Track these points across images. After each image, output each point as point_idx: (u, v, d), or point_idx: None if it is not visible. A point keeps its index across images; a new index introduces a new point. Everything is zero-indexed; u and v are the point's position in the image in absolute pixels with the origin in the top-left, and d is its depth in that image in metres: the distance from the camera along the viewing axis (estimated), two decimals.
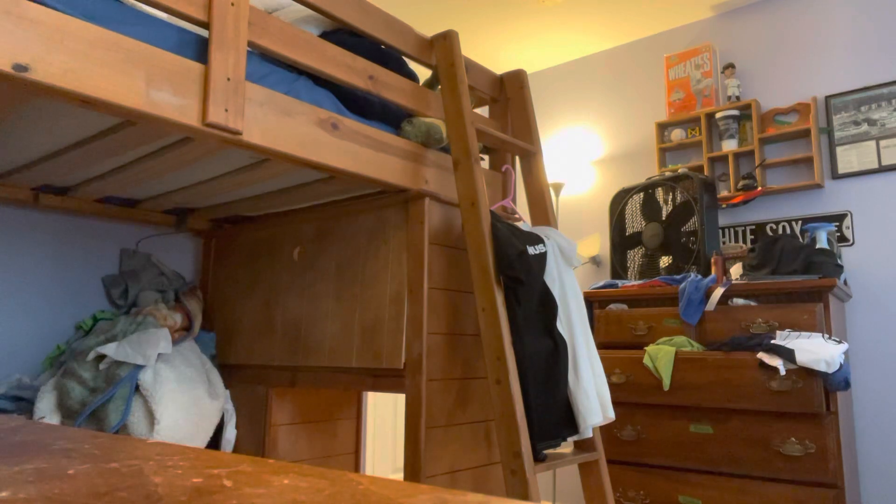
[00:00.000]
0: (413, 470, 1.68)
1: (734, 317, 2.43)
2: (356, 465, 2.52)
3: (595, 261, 3.65)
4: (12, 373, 1.97)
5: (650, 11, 3.43)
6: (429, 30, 1.90)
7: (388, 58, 1.81)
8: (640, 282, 2.81)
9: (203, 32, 1.32)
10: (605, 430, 2.58)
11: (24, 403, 1.87)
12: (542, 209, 2.04)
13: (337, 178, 1.72)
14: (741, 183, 3.07)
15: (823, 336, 2.20)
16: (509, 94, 2.19)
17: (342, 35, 1.72)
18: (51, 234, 2.12)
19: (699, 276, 2.62)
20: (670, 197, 2.97)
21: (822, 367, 2.06)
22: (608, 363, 2.57)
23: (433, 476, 1.71)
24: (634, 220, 3.08)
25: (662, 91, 3.54)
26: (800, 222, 3.01)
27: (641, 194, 3.07)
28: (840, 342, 2.17)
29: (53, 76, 1.06)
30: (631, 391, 2.48)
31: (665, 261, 2.93)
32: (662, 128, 3.46)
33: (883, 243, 2.79)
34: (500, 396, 1.56)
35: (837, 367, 2.07)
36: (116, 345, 1.86)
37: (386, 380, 1.83)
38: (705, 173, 3.18)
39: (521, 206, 3.80)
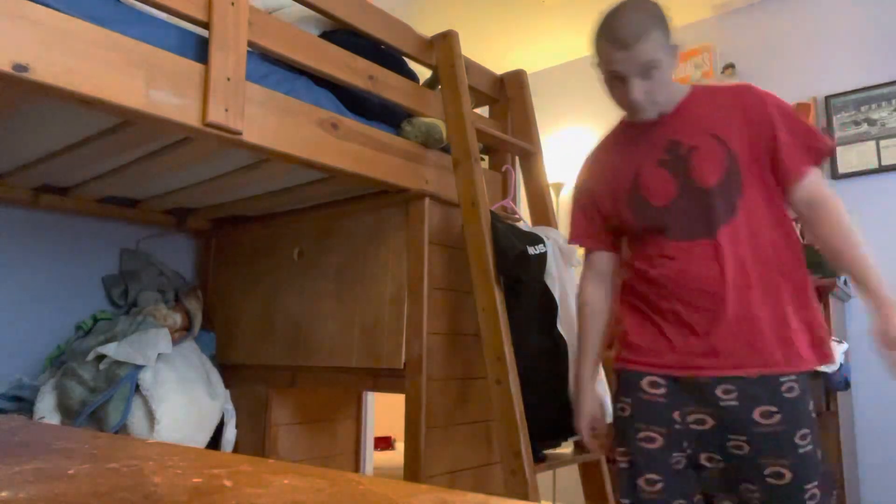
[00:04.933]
0: (413, 470, 1.68)
1: None
2: (356, 465, 2.52)
3: None
4: (12, 373, 1.97)
5: None
6: (429, 30, 1.90)
7: (387, 58, 1.81)
8: None
9: (203, 32, 1.32)
10: None
11: (24, 403, 1.87)
12: (542, 209, 2.04)
13: (337, 178, 1.72)
14: None
15: None
16: (509, 94, 2.19)
17: (342, 35, 1.72)
18: (51, 234, 2.12)
19: None
20: None
21: (822, 367, 2.06)
22: (608, 363, 2.56)
23: (433, 476, 1.71)
24: None
25: None
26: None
27: None
28: (840, 342, 2.17)
29: (53, 76, 1.06)
30: None
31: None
32: None
33: (883, 243, 2.79)
34: (500, 396, 1.56)
35: (837, 367, 2.07)
36: (116, 345, 1.86)
37: (386, 380, 1.83)
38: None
39: (521, 206, 3.80)
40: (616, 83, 1.29)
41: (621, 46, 1.23)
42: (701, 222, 1.26)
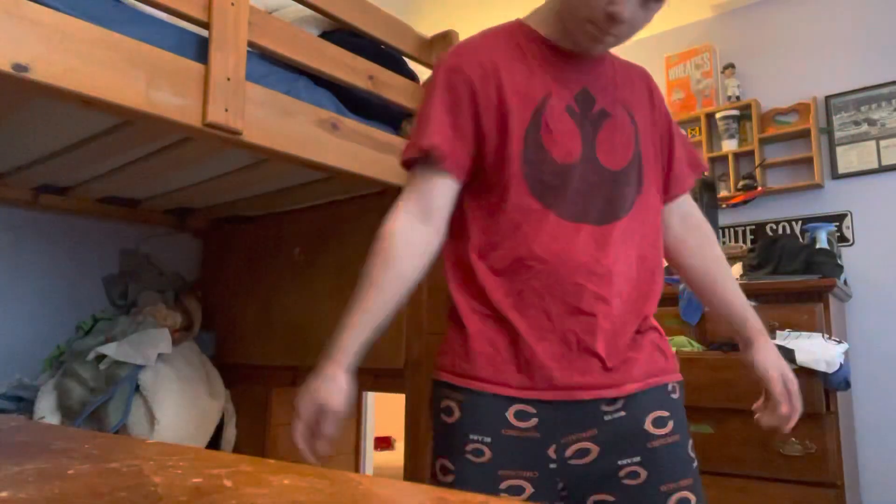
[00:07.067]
0: (413, 470, 1.68)
1: None
2: (356, 466, 2.52)
3: None
4: (12, 373, 1.97)
5: None
6: (429, 30, 1.91)
7: (387, 58, 1.81)
8: None
9: (203, 32, 1.32)
10: None
11: (24, 403, 1.87)
12: None
13: (337, 178, 1.72)
14: (741, 183, 3.07)
15: (823, 336, 2.20)
16: None
17: (342, 35, 1.72)
18: (51, 234, 2.12)
19: None
20: None
21: (822, 367, 2.06)
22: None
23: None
24: None
25: (662, 91, 3.54)
26: (800, 222, 3.01)
27: None
28: (840, 342, 2.17)
29: (53, 76, 1.06)
30: None
31: (665, 261, 2.92)
32: None
33: (883, 243, 2.79)
34: None
35: (837, 367, 2.07)
36: (117, 345, 1.87)
37: (386, 380, 1.83)
38: (705, 173, 3.18)
39: None
40: None
41: None
42: (596, 204, 0.97)
